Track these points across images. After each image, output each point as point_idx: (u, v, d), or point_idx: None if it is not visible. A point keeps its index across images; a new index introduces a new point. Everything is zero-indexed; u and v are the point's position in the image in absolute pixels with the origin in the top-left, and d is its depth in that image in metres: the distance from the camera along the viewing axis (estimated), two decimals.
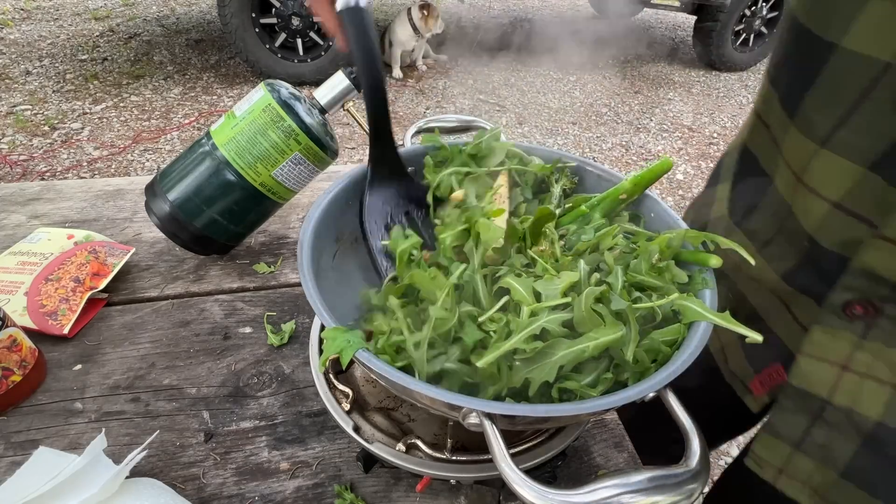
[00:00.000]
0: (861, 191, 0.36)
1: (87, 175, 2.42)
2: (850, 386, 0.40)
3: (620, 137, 3.18)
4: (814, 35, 0.36)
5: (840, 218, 0.38)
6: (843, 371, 0.41)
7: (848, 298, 0.39)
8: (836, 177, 0.37)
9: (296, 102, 0.62)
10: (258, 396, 0.57)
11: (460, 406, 0.32)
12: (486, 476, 0.45)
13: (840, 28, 0.34)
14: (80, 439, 0.51)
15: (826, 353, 0.41)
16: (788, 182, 0.42)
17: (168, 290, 0.69)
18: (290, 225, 0.84)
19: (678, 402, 0.34)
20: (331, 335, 0.36)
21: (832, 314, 0.40)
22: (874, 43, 0.32)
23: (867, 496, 0.40)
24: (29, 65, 3.37)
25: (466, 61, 4.01)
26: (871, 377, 0.39)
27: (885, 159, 0.34)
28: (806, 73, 0.37)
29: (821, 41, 0.35)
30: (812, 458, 0.43)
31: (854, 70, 0.34)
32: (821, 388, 0.42)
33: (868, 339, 0.39)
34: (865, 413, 0.40)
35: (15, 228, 0.77)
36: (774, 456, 0.46)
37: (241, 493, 0.48)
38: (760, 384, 0.53)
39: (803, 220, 0.42)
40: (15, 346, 0.53)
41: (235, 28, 3.03)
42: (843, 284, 0.39)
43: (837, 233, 0.39)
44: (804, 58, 0.38)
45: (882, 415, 0.39)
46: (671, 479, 0.30)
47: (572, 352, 0.36)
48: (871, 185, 0.35)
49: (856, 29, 0.33)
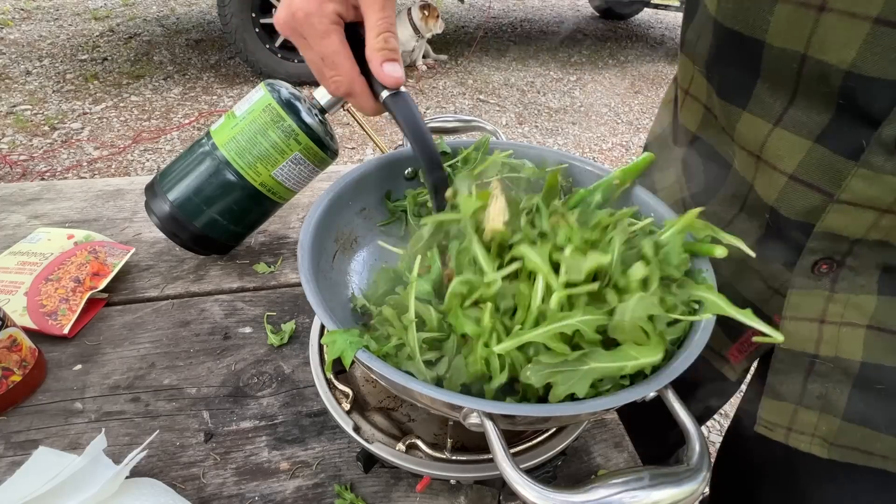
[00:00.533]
0: (811, 161, 0.40)
1: (87, 175, 2.42)
2: (830, 336, 0.44)
3: (620, 137, 3.18)
4: (743, 36, 0.40)
5: (797, 188, 0.42)
6: (821, 325, 0.44)
7: (815, 259, 0.43)
8: (789, 150, 0.41)
9: (296, 102, 0.62)
10: (258, 396, 0.57)
11: (461, 406, 0.32)
12: (486, 476, 0.45)
13: (762, 28, 0.38)
14: (80, 439, 0.51)
15: (804, 311, 0.45)
16: (747, 162, 0.46)
17: (168, 290, 0.69)
18: (290, 225, 0.84)
19: (679, 401, 0.34)
20: (331, 338, 0.36)
21: (803, 276, 0.44)
22: (789, 38, 0.37)
23: (871, 431, 0.44)
24: (29, 65, 3.37)
25: (466, 61, 4.02)
26: (846, 324, 0.43)
27: (826, 131, 0.38)
28: (749, 66, 0.41)
29: (750, 40, 0.40)
30: (814, 409, 0.46)
31: (783, 60, 0.38)
32: (807, 345, 0.45)
33: (836, 291, 0.43)
34: (849, 357, 0.44)
35: (15, 228, 0.77)
36: (780, 416, 0.49)
37: (241, 493, 0.48)
38: (738, 352, 0.56)
39: (764, 195, 0.45)
40: (15, 346, 0.53)
41: (235, 28, 3.04)
42: (810, 248, 0.42)
43: (797, 202, 0.42)
44: (742, 55, 0.41)
45: (863, 354, 0.43)
46: (672, 478, 0.30)
47: (608, 368, 0.33)
48: (819, 155, 0.39)
49: (772, 28, 0.37)
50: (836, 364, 0.44)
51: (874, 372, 0.43)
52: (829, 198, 0.40)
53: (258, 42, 3.14)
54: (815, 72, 0.36)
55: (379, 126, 3.01)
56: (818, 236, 0.41)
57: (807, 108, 0.39)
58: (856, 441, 0.45)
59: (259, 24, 3.11)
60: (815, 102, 0.38)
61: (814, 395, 0.46)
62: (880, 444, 0.44)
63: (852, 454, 0.45)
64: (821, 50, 0.35)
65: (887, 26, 0.32)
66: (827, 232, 0.41)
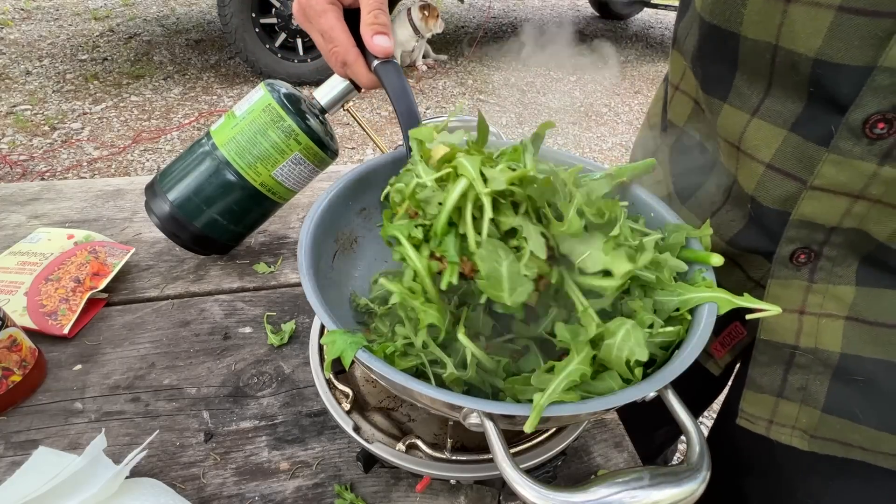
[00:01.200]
0: (786, 149, 0.41)
1: (87, 175, 2.42)
2: (809, 327, 0.44)
3: (620, 137, 3.18)
4: (721, 29, 0.42)
5: (774, 177, 0.42)
6: (801, 316, 0.44)
7: (792, 249, 0.43)
8: (765, 140, 0.42)
9: (296, 102, 0.62)
10: (258, 396, 0.57)
11: (461, 406, 0.32)
12: (486, 476, 0.45)
13: (736, 21, 0.40)
14: (80, 439, 0.51)
15: (784, 303, 0.45)
16: (729, 153, 0.47)
17: (168, 290, 0.69)
18: (290, 225, 0.84)
19: (679, 401, 0.34)
20: (331, 338, 0.36)
21: (782, 266, 0.44)
22: (761, 29, 0.38)
23: (851, 423, 0.44)
24: (29, 65, 3.37)
25: (466, 61, 4.01)
26: (825, 315, 0.43)
27: (799, 120, 0.40)
28: (728, 59, 0.43)
29: (727, 33, 0.41)
30: (795, 401, 0.47)
31: (757, 51, 0.39)
32: (787, 336, 0.45)
33: (815, 281, 0.43)
34: (828, 348, 0.44)
35: (15, 228, 0.77)
36: (762, 409, 0.49)
37: (241, 493, 0.48)
38: (721, 346, 0.56)
39: (745, 184, 0.46)
40: (15, 346, 0.53)
41: (235, 28, 3.04)
42: (787, 237, 0.43)
43: (774, 190, 0.43)
44: (721, 48, 0.43)
45: (842, 346, 0.43)
46: (672, 478, 0.30)
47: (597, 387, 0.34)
48: (793, 142, 0.40)
49: (745, 20, 0.39)
50: (815, 356, 0.44)
51: (853, 363, 0.43)
52: (803, 185, 0.41)
53: (258, 42, 3.15)
54: (787, 61, 0.38)
55: (379, 126, 3.01)
56: (794, 224, 0.42)
57: (781, 98, 0.40)
58: (835, 433, 0.45)
59: (259, 24, 3.11)
60: (789, 92, 0.40)
61: (794, 386, 0.46)
62: (859, 436, 0.44)
63: (832, 446, 0.46)
64: (790, 40, 0.36)
65: (850, 13, 0.33)
66: (803, 220, 0.41)
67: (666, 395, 0.35)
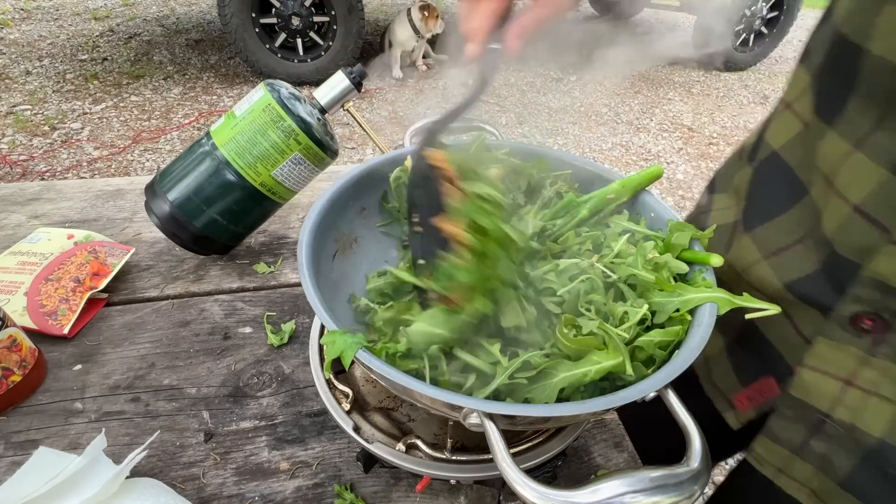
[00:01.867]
0: (881, 194, 0.35)
1: (87, 175, 2.42)
2: (853, 402, 0.39)
3: (620, 137, 3.18)
4: (848, 40, 0.36)
5: (858, 222, 0.37)
6: (846, 386, 0.40)
7: (857, 311, 0.38)
8: (861, 178, 0.36)
9: (296, 102, 0.62)
10: (258, 396, 0.57)
11: (461, 406, 0.32)
12: (486, 476, 0.45)
13: (866, 32, 0.34)
14: (80, 439, 0.51)
15: (830, 366, 0.40)
16: (822, 188, 0.41)
17: (168, 290, 0.69)
18: (290, 225, 0.84)
19: (679, 401, 0.34)
20: (331, 338, 0.36)
21: (839, 327, 0.39)
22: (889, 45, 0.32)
23: None
24: (29, 65, 3.37)
25: None
26: (876, 394, 0.38)
27: None
28: (848, 77, 0.37)
29: (853, 45, 0.35)
30: (811, 464, 0.43)
31: (879, 71, 0.34)
32: (822, 402, 0.41)
33: (876, 355, 0.38)
34: (868, 430, 0.39)
35: (15, 228, 0.77)
36: (774, 458, 0.46)
37: (241, 493, 0.48)
38: (748, 399, 0.51)
39: (827, 226, 0.40)
40: (15, 346, 0.53)
41: (235, 28, 3.03)
42: (853, 296, 0.38)
43: (855, 238, 0.38)
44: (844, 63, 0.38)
45: (886, 433, 0.38)
46: (672, 478, 0.30)
47: (573, 375, 0.36)
48: (891, 186, 0.35)
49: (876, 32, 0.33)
50: (849, 432, 0.40)
51: (893, 454, 0.38)
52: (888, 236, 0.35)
53: (258, 42, 3.14)
54: None
55: (379, 126, 3.01)
56: (864, 282, 0.37)
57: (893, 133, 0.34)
58: None
59: (259, 24, 3.11)
60: None
61: (816, 452, 0.42)
62: None
63: None
64: None
65: None
66: (875, 279, 0.36)
67: (666, 395, 0.35)
